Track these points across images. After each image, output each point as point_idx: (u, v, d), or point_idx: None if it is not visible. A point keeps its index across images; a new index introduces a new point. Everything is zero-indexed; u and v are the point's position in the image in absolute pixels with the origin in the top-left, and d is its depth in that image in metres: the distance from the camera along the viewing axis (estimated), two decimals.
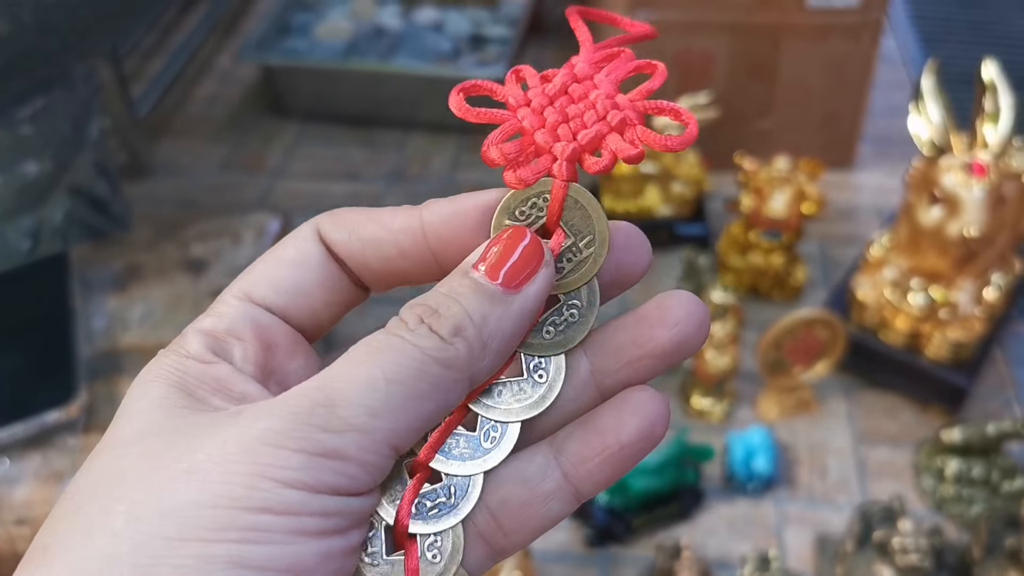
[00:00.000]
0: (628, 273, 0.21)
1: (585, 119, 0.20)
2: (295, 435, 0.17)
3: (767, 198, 0.92)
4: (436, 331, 0.19)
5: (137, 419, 0.19)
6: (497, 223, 0.21)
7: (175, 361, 0.19)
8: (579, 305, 0.21)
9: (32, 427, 0.63)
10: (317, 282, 0.21)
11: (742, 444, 0.81)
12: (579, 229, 0.21)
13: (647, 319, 0.21)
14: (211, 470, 0.17)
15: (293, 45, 1.26)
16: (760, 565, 0.71)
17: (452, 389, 0.19)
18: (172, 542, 0.16)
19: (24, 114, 0.73)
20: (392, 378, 0.18)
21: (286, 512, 0.17)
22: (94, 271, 0.75)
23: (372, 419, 0.18)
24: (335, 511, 0.17)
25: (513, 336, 0.20)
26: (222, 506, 0.16)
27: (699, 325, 0.21)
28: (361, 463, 0.18)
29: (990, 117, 0.81)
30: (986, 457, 0.80)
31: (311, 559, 0.17)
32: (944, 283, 0.85)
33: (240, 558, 0.16)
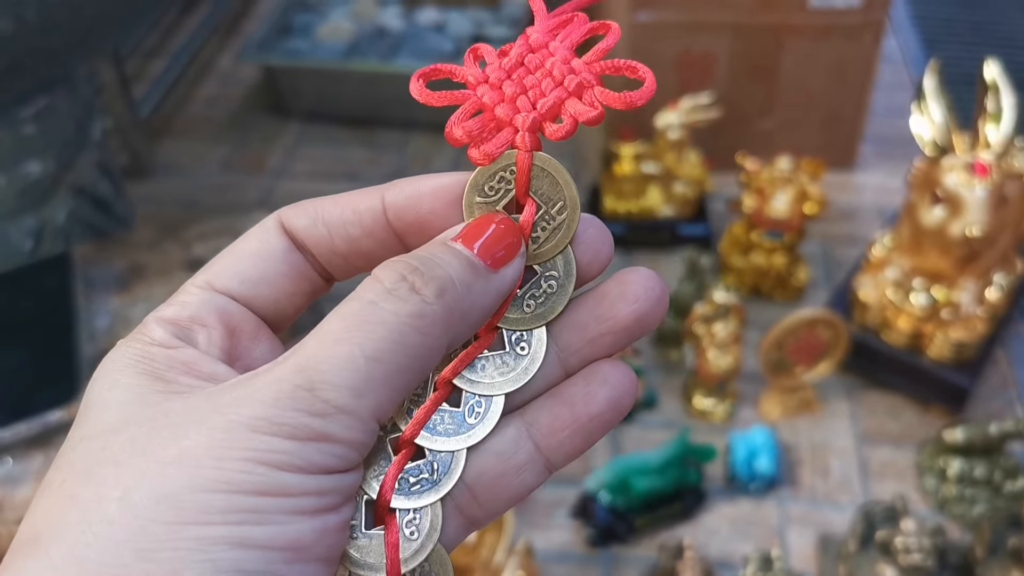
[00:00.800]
0: (589, 267, 0.22)
1: (543, 87, 0.20)
2: (282, 421, 0.17)
3: (769, 198, 0.92)
4: (418, 291, 0.19)
5: (114, 408, 0.19)
6: (468, 200, 0.21)
7: (139, 349, 0.19)
8: (557, 276, 0.21)
9: (35, 426, 0.63)
10: (280, 272, 0.21)
11: (744, 444, 0.81)
12: (549, 196, 0.21)
13: (608, 296, 0.21)
14: (201, 456, 0.17)
15: (294, 46, 1.26)
16: (763, 565, 0.71)
17: (429, 357, 0.19)
18: (171, 526, 0.16)
19: (27, 114, 0.73)
20: (371, 355, 0.18)
21: (283, 493, 0.17)
22: (97, 270, 0.74)
23: (355, 399, 0.18)
24: (328, 489, 0.18)
25: (489, 311, 0.20)
26: (220, 491, 0.17)
27: (657, 300, 0.21)
28: (348, 442, 0.18)
29: (992, 117, 0.81)
30: (988, 457, 0.80)
31: (309, 536, 0.17)
32: (946, 283, 0.85)
33: (242, 538, 0.17)
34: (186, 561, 0.16)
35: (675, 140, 0.99)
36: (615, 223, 1.04)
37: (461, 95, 0.21)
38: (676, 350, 0.91)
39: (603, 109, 0.21)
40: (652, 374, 0.91)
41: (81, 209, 0.79)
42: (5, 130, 0.72)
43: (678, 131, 0.98)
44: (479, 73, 0.21)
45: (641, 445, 0.84)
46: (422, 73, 0.21)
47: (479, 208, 0.21)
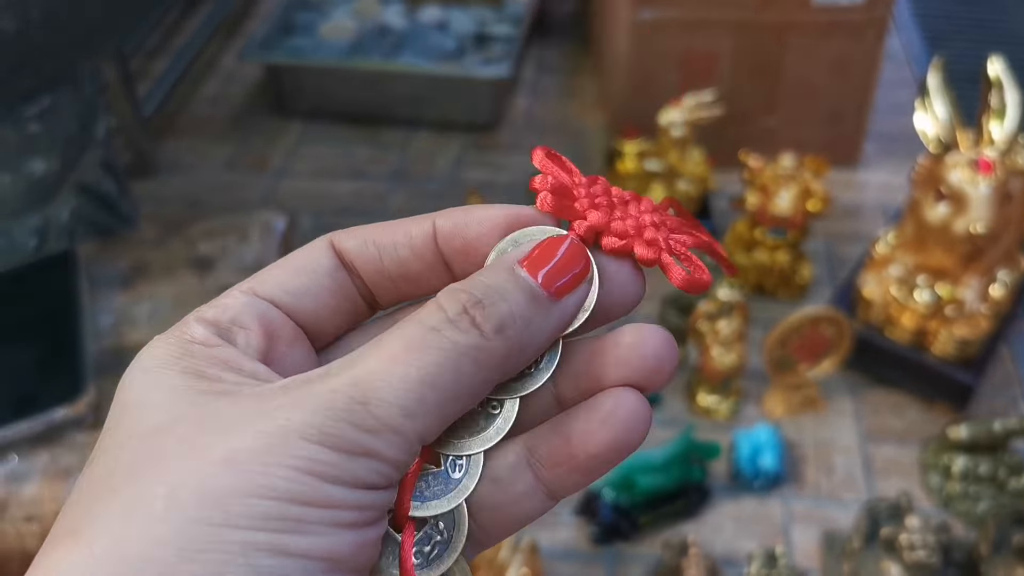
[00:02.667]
0: (616, 306, 0.21)
1: (626, 221, 0.21)
2: (332, 432, 0.17)
3: (772, 196, 0.92)
4: (479, 325, 0.19)
5: (162, 407, 0.19)
6: (502, 248, 0.21)
7: (179, 346, 0.19)
8: (538, 361, 0.21)
9: (40, 424, 0.63)
10: (324, 287, 0.21)
11: (748, 441, 0.81)
12: None
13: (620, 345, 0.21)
14: (250, 461, 0.17)
15: (297, 44, 1.26)
16: (767, 562, 0.71)
17: (482, 389, 0.19)
18: (216, 528, 0.16)
19: (32, 112, 0.73)
20: (427, 380, 0.18)
21: (326, 505, 0.17)
22: (101, 269, 0.75)
23: (406, 419, 0.18)
24: (368, 504, 0.18)
25: (546, 345, 0.20)
26: (266, 496, 0.17)
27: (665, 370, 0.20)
28: (392, 461, 0.18)
29: (996, 114, 0.81)
30: (993, 454, 0.80)
31: (347, 548, 0.18)
32: (950, 280, 0.84)
33: (283, 546, 0.17)
34: (229, 564, 0.16)
35: (678, 138, 0.99)
36: None
37: (567, 178, 0.22)
38: (680, 348, 0.92)
39: (659, 259, 0.21)
40: None
41: (85, 207, 0.79)
42: (10, 128, 0.72)
43: (681, 129, 0.98)
44: (589, 181, 0.22)
45: (645, 443, 0.84)
46: (549, 151, 0.22)
47: None
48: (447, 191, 1.13)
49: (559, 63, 1.36)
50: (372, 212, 1.11)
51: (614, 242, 0.21)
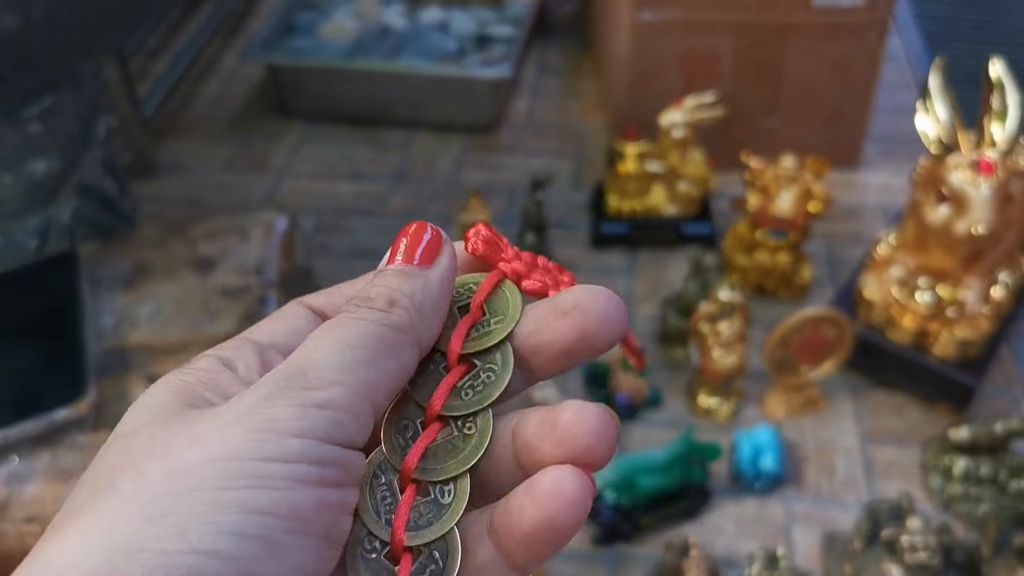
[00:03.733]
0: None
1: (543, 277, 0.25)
2: (283, 395, 0.19)
3: (773, 197, 0.92)
4: (375, 307, 0.21)
5: (142, 413, 0.20)
6: None
7: (180, 373, 0.22)
8: (495, 368, 0.23)
9: (41, 425, 0.63)
10: (308, 331, 0.23)
11: (749, 442, 0.81)
12: (496, 311, 0.24)
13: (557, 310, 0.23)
14: (210, 436, 0.19)
15: (298, 45, 1.26)
16: (768, 563, 0.71)
17: (405, 347, 0.21)
18: (180, 493, 0.18)
19: (33, 112, 0.73)
20: (354, 343, 0.20)
21: (286, 459, 0.18)
22: (103, 269, 0.75)
23: (346, 375, 0.20)
24: (330, 459, 0.19)
25: (440, 300, 0.22)
26: (228, 459, 0.18)
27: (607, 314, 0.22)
28: (346, 411, 0.19)
29: (997, 115, 0.81)
30: (994, 455, 0.80)
31: (308, 505, 0.18)
32: (951, 281, 0.85)
33: (248, 503, 0.18)
34: (192, 523, 0.17)
35: (679, 139, 0.99)
36: (619, 222, 1.04)
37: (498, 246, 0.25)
38: (681, 349, 0.91)
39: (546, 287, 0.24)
40: (657, 373, 0.91)
41: (86, 207, 0.79)
42: (11, 129, 0.72)
43: (682, 130, 0.98)
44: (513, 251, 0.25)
45: (646, 444, 0.84)
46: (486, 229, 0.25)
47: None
48: (447, 192, 1.13)
49: (560, 64, 1.36)
50: (373, 213, 1.11)
51: (533, 284, 0.24)
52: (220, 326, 0.72)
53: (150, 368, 0.69)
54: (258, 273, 0.76)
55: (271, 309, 0.76)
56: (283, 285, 0.78)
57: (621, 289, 1.01)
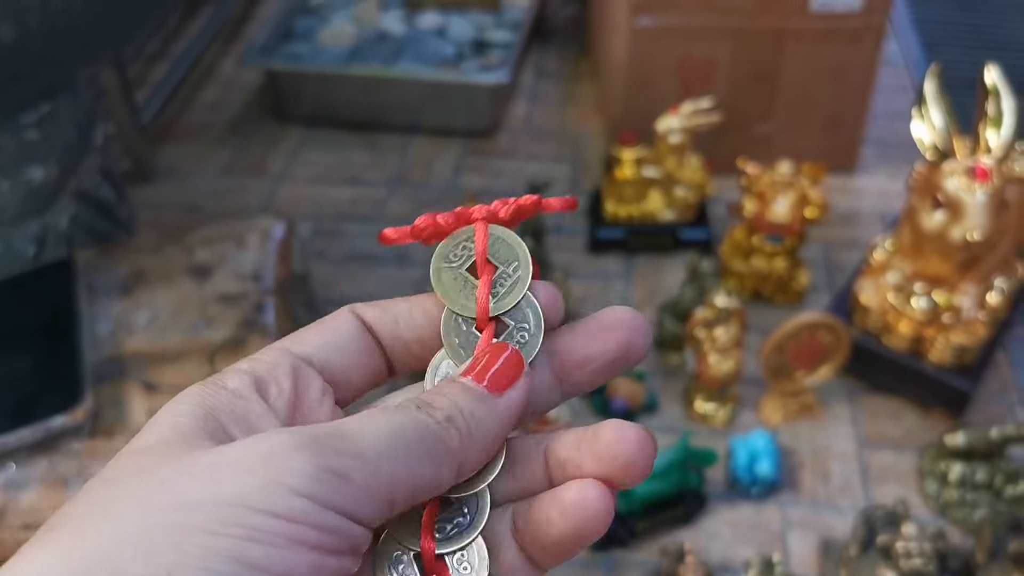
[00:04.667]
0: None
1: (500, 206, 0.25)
2: (308, 450, 0.19)
3: (770, 202, 0.92)
4: (433, 415, 0.21)
5: (161, 429, 0.20)
6: (436, 267, 0.24)
7: (210, 390, 0.21)
8: (528, 328, 0.23)
9: (38, 432, 0.64)
10: (352, 346, 0.23)
11: (745, 448, 0.81)
12: (505, 259, 0.24)
13: (602, 325, 0.24)
14: (228, 471, 0.18)
15: (296, 50, 1.26)
16: (764, 569, 0.71)
17: (444, 464, 0.21)
18: (178, 531, 0.17)
19: (30, 120, 0.73)
20: (398, 433, 0.20)
21: (288, 518, 0.18)
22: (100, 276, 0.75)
23: (378, 457, 0.19)
24: (333, 527, 0.19)
25: (497, 434, 0.22)
26: (233, 504, 0.18)
27: (644, 329, 0.24)
28: (362, 489, 0.19)
29: (993, 121, 0.81)
30: (990, 461, 0.80)
31: (304, 570, 0.18)
32: (947, 287, 0.85)
33: (240, 554, 0.17)
34: (181, 566, 0.17)
35: (676, 144, 0.99)
36: (616, 227, 1.04)
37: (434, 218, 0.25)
38: (677, 354, 0.92)
39: (538, 199, 0.24)
40: (653, 378, 0.91)
41: (84, 214, 0.79)
42: (8, 136, 0.73)
43: (679, 135, 0.98)
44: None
45: None
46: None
47: (445, 272, 0.24)
48: (445, 197, 1.14)
49: (558, 69, 1.36)
50: (370, 218, 1.11)
51: (508, 210, 0.24)
52: (217, 333, 0.73)
53: (147, 375, 0.69)
54: (255, 279, 0.77)
55: (268, 315, 0.76)
56: (280, 291, 0.78)
57: (618, 294, 1.01)
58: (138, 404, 0.67)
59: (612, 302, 0.99)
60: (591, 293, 1.01)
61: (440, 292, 0.24)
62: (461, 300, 0.23)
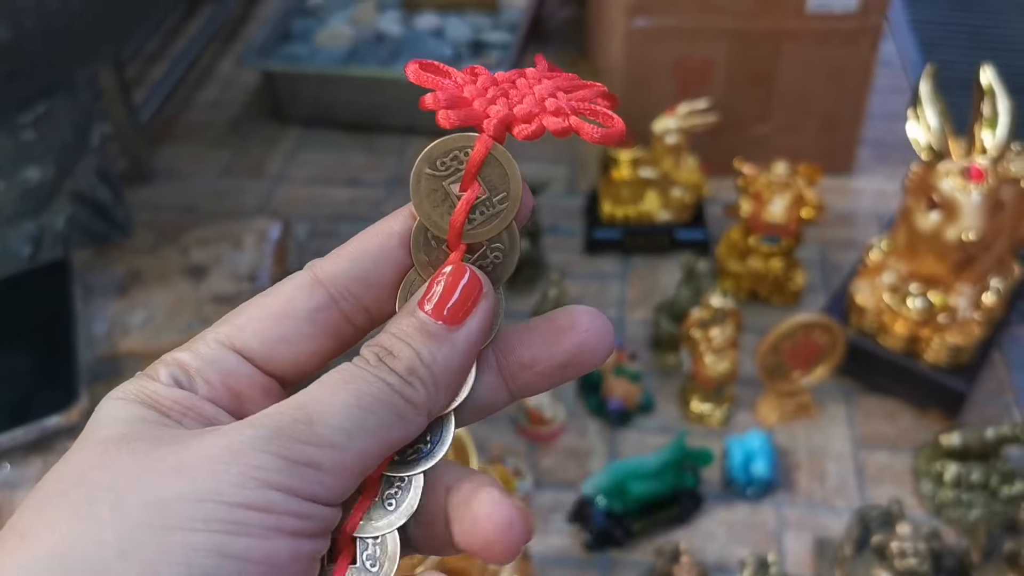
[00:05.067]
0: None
1: (524, 100, 0.21)
2: (278, 443, 0.19)
3: (766, 203, 0.92)
4: (395, 370, 0.20)
5: (119, 424, 0.20)
6: (418, 170, 0.22)
7: (144, 384, 0.21)
8: (502, 248, 0.22)
9: (33, 432, 0.64)
10: (302, 332, 0.22)
11: (741, 448, 0.81)
12: (495, 185, 0.21)
13: (555, 326, 0.22)
14: (200, 468, 0.18)
15: (294, 51, 1.26)
16: (759, 569, 0.71)
17: (414, 422, 0.21)
18: (157, 530, 0.17)
19: (27, 120, 0.73)
20: (365, 407, 0.20)
21: (266, 510, 0.18)
22: (95, 276, 0.75)
23: (347, 439, 0.19)
24: (308, 514, 0.19)
25: (461, 370, 0.21)
26: (209, 500, 0.18)
27: (604, 333, 0.22)
28: (334, 474, 0.19)
29: (988, 122, 0.81)
30: (985, 461, 0.80)
31: (284, 555, 0.19)
32: (943, 287, 0.85)
33: (222, 548, 0.18)
34: (164, 563, 0.17)
35: (673, 145, 0.99)
36: (613, 228, 1.04)
37: (448, 83, 0.22)
38: (673, 355, 0.92)
39: (569, 125, 0.21)
40: (649, 378, 0.91)
41: (80, 215, 0.79)
42: (5, 136, 0.73)
43: (676, 136, 0.98)
44: (469, 76, 0.22)
45: (638, 449, 0.84)
46: (420, 61, 0.22)
47: (426, 180, 0.22)
48: None
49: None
50: (368, 218, 1.10)
51: (525, 128, 0.21)
52: None
53: None
54: (251, 280, 0.77)
55: None
56: None
57: (614, 295, 1.01)
58: None
59: (607, 303, 1.00)
60: (587, 293, 1.01)
61: (415, 200, 0.22)
62: (435, 216, 0.22)
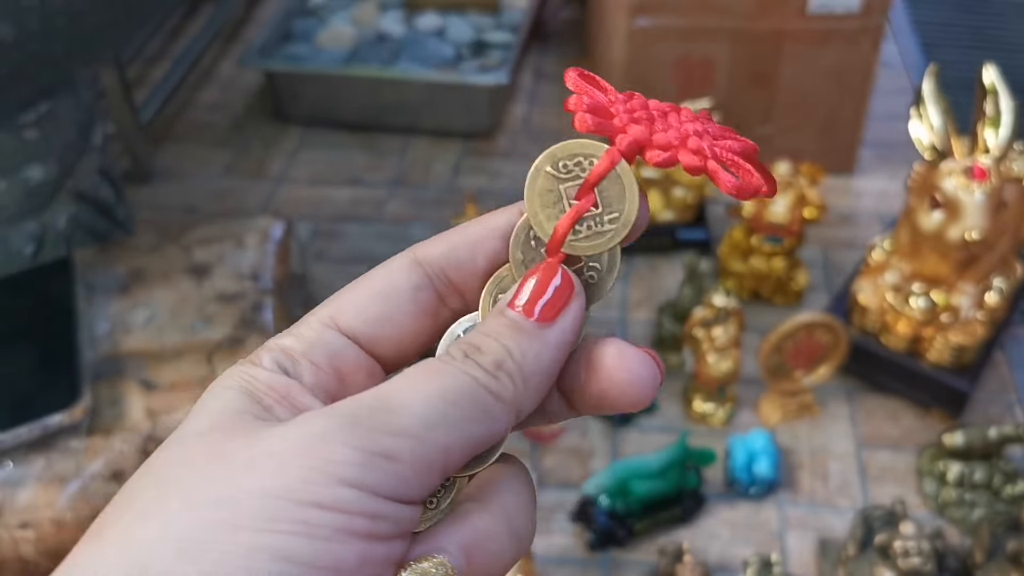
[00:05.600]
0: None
1: (668, 132, 0.21)
2: (354, 433, 0.18)
3: (768, 203, 0.92)
4: (481, 364, 0.20)
5: (207, 416, 0.19)
6: (539, 165, 0.21)
7: (245, 370, 0.20)
8: (599, 268, 0.21)
9: (35, 430, 0.63)
10: (405, 311, 0.22)
11: (744, 448, 0.81)
12: (610, 203, 0.21)
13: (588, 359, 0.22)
14: (268, 462, 0.17)
15: (296, 51, 1.26)
16: (762, 569, 0.71)
17: (500, 419, 0.20)
18: (222, 528, 0.17)
19: (29, 119, 0.73)
20: (448, 398, 0.19)
21: (336, 509, 0.17)
22: (98, 275, 0.75)
23: (428, 430, 0.18)
24: (382, 514, 0.18)
25: (552, 368, 0.20)
26: (275, 496, 0.17)
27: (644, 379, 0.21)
28: (413, 468, 0.18)
29: (991, 121, 0.81)
30: (988, 461, 0.80)
31: (352, 560, 0.17)
32: (945, 287, 0.85)
33: (286, 551, 0.17)
34: (226, 565, 0.16)
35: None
36: None
37: (602, 96, 0.22)
38: (675, 354, 0.92)
39: (705, 167, 0.20)
40: None
41: (82, 214, 0.79)
42: (7, 135, 0.73)
43: None
44: (625, 96, 0.22)
45: (640, 449, 0.84)
46: (580, 71, 0.22)
47: (544, 178, 0.21)
48: (444, 198, 1.14)
49: (556, 71, 1.36)
50: (370, 219, 1.12)
51: (658, 155, 0.20)
52: (215, 332, 0.73)
53: (144, 374, 0.69)
54: (253, 279, 0.77)
55: (267, 315, 0.76)
56: (278, 291, 0.78)
57: (616, 295, 1.01)
58: (136, 403, 0.67)
59: (610, 303, 0.99)
60: None
61: (528, 195, 0.21)
62: (542, 216, 0.21)
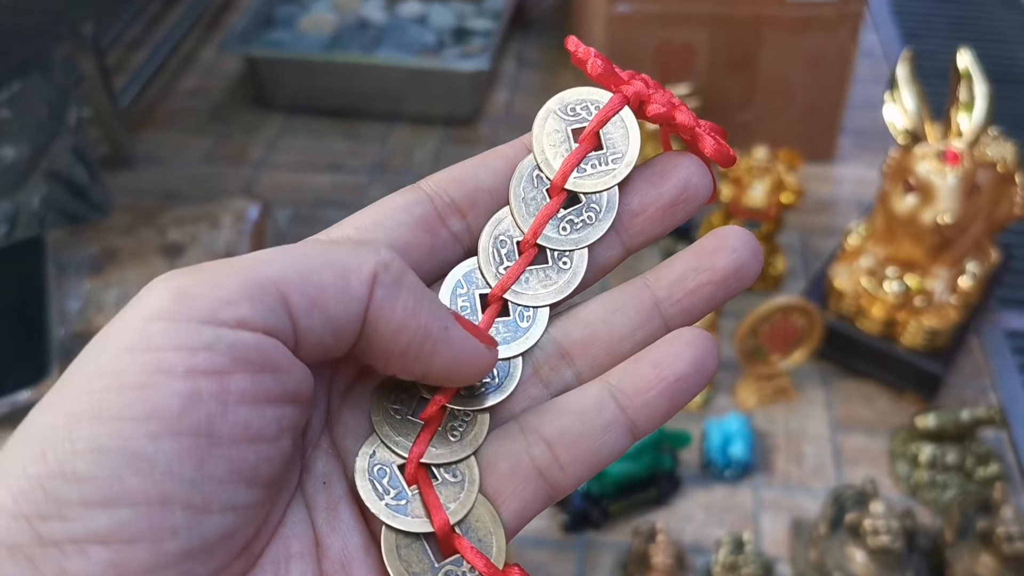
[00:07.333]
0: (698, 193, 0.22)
1: (664, 98, 0.23)
2: (172, 278, 0.17)
3: (746, 188, 0.92)
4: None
5: None
6: (548, 108, 0.22)
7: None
8: (596, 210, 0.22)
9: (4, 406, 0.63)
10: (398, 221, 0.21)
11: (719, 431, 0.81)
12: (614, 145, 0.22)
13: (704, 249, 0.22)
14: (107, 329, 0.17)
15: (277, 37, 1.26)
16: (734, 548, 0.72)
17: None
18: (60, 405, 0.16)
19: (1, 98, 0.73)
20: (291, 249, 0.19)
21: (147, 347, 0.16)
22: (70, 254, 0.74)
23: (253, 258, 0.18)
24: (201, 344, 0.16)
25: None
26: (93, 358, 0.16)
27: (754, 253, 0.22)
28: (236, 281, 0.17)
29: (964, 106, 0.82)
30: (960, 443, 0.81)
31: (174, 401, 0.15)
32: (919, 271, 0.85)
33: (99, 409, 0.15)
34: (48, 441, 0.15)
35: (654, 130, 0.99)
36: None
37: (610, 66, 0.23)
38: None
39: (695, 127, 0.22)
40: None
41: (56, 194, 0.79)
42: None
43: None
44: (630, 72, 0.23)
45: None
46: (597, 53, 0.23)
47: (553, 118, 0.22)
48: None
49: (538, 57, 1.36)
50: (350, 204, 1.11)
51: (657, 108, 0.21)
52: None
53: None
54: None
55: None
56: None
57: None
58: None
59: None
60: None
61: (536, 133, 0.22)
62: (549, 154, 0.22)
